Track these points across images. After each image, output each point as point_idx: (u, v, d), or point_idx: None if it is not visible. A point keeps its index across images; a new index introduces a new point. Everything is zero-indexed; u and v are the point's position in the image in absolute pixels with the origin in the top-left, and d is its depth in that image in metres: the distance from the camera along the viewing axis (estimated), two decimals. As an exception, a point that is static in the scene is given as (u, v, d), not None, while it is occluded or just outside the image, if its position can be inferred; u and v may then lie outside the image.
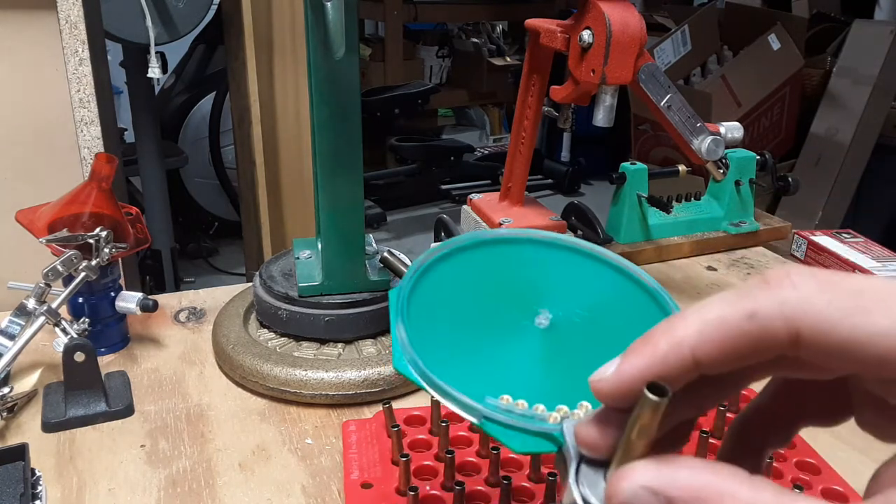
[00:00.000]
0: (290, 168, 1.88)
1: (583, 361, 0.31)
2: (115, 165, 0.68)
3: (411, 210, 3.30)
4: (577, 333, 0.34)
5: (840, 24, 2.84)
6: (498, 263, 0.37)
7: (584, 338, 0.34)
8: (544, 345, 0.34)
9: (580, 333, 0.34)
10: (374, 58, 3.50)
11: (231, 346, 0.67)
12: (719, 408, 0.56)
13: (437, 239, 0.96)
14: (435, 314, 0.34)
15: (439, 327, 0.34)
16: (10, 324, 0.61)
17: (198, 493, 0.53)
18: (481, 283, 0.36)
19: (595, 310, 0.35)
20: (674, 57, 2.75)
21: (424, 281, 0.35)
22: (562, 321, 0.34)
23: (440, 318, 0.34)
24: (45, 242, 0.64)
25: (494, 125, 4.06)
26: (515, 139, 0.86)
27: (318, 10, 0.58)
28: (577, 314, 0.35)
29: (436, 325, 0.34)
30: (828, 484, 0.51)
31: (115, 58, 1.80)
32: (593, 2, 0.66)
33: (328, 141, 0.63)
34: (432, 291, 0.35)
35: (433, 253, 0.36)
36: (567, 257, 0.38)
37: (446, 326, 0.34)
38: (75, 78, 0.89)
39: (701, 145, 0.71)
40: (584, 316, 0.35)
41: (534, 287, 0.36)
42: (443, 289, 0.35)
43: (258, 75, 1.72)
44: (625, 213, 0.94)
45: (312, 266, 0.70)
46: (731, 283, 0.90)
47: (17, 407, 0.61)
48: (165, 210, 2.04)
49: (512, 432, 0.29)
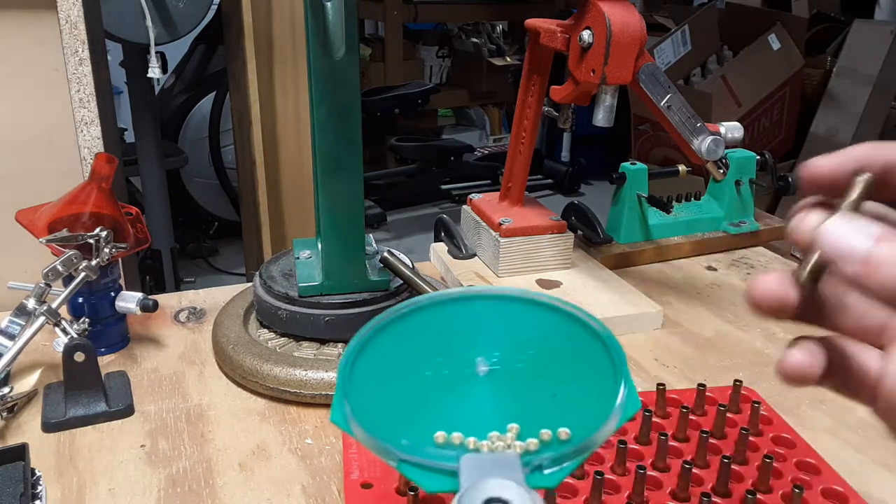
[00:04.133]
0: (290, 168, 1.88)
1: (526, 398, 0.35)
2: (115, 165, 0.68)
3: (411, 210, 3.30)
4: (519, 375, 0.37)
5: (840, 24, 2.84)
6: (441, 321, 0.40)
7: (526, 378, 0.37)
8: (490, 389, 0.36)
9: (522, 374, 0.37)
10: (374, 58, 3.50)
11: (231, 346, 0.67)
12: (719, 408, 0.56)
13: (437, 239, 0.96)
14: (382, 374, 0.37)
15: (386, 386, 0.37)
16: (10, 324, 0.61)
17: (198, 493, 0.53)
18: (425, 342, 0.39)
19: (536, 351, 0.38)
20: (674, 57, 2.75)
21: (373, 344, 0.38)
22: (503, 366, 0.37)
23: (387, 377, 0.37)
24: (45, 242, 0.64)
25: (494, 125, 4.06)
26: (515, 139, 0.86)
27: (318, 10, 0.58)
28: (518, 358, 0.37)
29: (383, 384, 0.37)
30: (828, 484, 0.51)
31: (115, 58, 1.80)
32: (593, 2, 0.66)
33: (328, 141, 0.63)
34: (380, 354, 0.38)
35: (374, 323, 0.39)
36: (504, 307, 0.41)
37: (394, 385, 0.37)
38: (75, 78, 0.89)
39: (701, 145, 0.71)
40: (525, 358, 0.37)
41: (474, 338, 0.39)
42: (390, 350, 0.38)
43: (258, 75, 1.72)
44: (625, 213, 0.94)
45: (312, 266, 0.70)
46: (732, 283, 0.90)
47: (17, 407, 0.61)
48: (165, 210, 2.04)
49: (424, 472, 0.32)
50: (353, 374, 0.36)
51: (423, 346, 0.38)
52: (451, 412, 0.35)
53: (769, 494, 0.50)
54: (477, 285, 0.43)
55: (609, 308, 0.78)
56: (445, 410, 0.35)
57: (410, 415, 0.35)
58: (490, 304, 0.40)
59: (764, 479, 0.50)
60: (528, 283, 0.83)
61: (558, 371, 0.37)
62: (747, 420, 0.57)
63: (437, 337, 0.39)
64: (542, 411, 0.35)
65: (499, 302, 0.40)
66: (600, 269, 0.87)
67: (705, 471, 0.52)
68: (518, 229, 0.83)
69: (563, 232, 0.86)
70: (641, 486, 0.49)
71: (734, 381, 0.60)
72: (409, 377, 0.37)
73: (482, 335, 0.39)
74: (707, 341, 0.76)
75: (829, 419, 0.63)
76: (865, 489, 0.53)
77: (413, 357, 0.38)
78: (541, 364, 0.37)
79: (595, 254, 0.92)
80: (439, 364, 0.37)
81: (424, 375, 0.37)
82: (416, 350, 0.38)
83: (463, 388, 0.36)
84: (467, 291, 0.41)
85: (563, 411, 0.35)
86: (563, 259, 0.86)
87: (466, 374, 0.37)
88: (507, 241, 0.83)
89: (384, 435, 0.33)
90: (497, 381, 0.36)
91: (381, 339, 0.38)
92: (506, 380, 0.36)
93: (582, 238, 0.95)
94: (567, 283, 0.83)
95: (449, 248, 0.92)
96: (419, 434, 0.33)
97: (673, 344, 0.76)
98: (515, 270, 0.85)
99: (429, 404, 0.35)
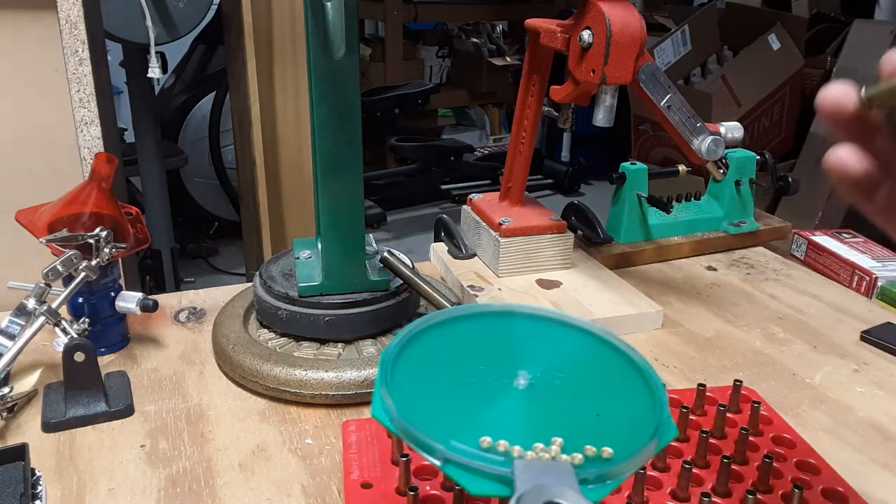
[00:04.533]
0: (290, 168, 1.88)
1: (562, 414, 0.36)
2: (115, 165, 0.68)
3: (411, 210, 3.30)
4: (557, 392, 0.38)
5: (840, 24, 2.84)
6: (482, 332, 0.41)
7: (563, 395, 0.37)
8: (527, 402, 0.37)
9: (560, 392, 0.38)
10: (374, 58, 3.50)
11: (231, 346, 0.67)
12: (719, 408, 0.56)
13: (437, 239, 0.96)
14: (423, 375, 0.38)
15: (427, 387, 0.37)
16: (10, 324, 0.61)
17: (198, 493, 0.53)
18: (466, 349, 0.40)
19: (573, 371, 0.39)
20: (674, 57, 2.75)
21: (414, 344, 0.39)
22: (541, 382, 0.38)
23: (428, 378, 0.38)
24: (45, 242, 0.64)
25: (494, 125, 4.06)
26: (515, 139, 0.86)
27: (318, 10, 0.58)
28: (557, 375, 0.38)
29: (423, 385, 0.37)
30: (828, 484, 0.51)
31: (115, 58, 1.80)
32: (593, 2, 0.66)
33: (328, 141, 0.63)
34: (421, 355, 0.38)
35: (426, 321, 0.40)
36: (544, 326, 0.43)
37: (434, 387, 0.37)
38: (75, 78, 0.89)
39: (701, 145, 0.71)
40: (563, 377, 0.38)
41: (514, 352, 0.40)
42: (431, 352, 0.39)
43: (258, 75, 1.72)
44: (625, 213, 0.94)
45: (312, 266, 0.70)
46: (732, 283, 0.90)
47: (17, 407, 0.61)
48: (165, 210, 2.04)
49: (470, 475, 0.32)
50: (394, 371, 0.36)
51: (466, 354, 0.39)
52: (492, 420, 0.35)
53: (769, 494, 0.50)
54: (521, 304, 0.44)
55: (609, 308, 0.78)
56: (487, 417, 0.35)
57: (453, 417, 0.35)
58: (530, 323, 0.42)
59: (764, 479, 0.50)
60: (528, 283, 0.83)
61: (595, 392, 0.38)
62: (747, 420, 0.57)
63: (479, 347, 0.40)
64: (583, 428, 0.35)
65: (538, 321, 0.42)
66: (600, 269, 0.87)
67: (705, 471, 0.52)
68: (518, 229, 0.83)
69: (563, 232, 0.86)
70: (641, 486, 0.49)
71: (734, 381, 0.60)
72: (451, 381, 0.37)
73: (521, 351, 0.40)
74: (707, 341, 0.76)
75: (829, 419, 0.63)
76: (865, 489, 0.53)
77: (455, 362, 0.38)
78: (578, 383, 0.38)
79: (595, 254, 0.92)
80: (481, 372, 0.38)
81: (467, 381, 0.37)
82: (459, 356, 0.39)
83: (503, 399, 0.36)
84: (510, 307, 0.43)
85: (603, 431, 0.35)
86: (563, 259, 0.86)
87: (506, 386, 0.37)
88: (507, 241, 0.83)
89: (429, 433, 0.33)
90: (535, 396, 0.37)
91: (422, 340, 0.39)
92: (544, 395, 0.37)
93: (582, 238, 0.95)
94: (567, 283, 0.83)
95: (449, 248, 0.92)
96: (463, 437, 0.33)
97: (673, 344, 0.76)
98: (515, 270, 0.85)
99: (470, 410, 0.36)
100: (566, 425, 0.35)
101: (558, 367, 0.39)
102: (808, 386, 0.68)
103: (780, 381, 0.69)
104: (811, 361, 0.73)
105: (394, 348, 0.37)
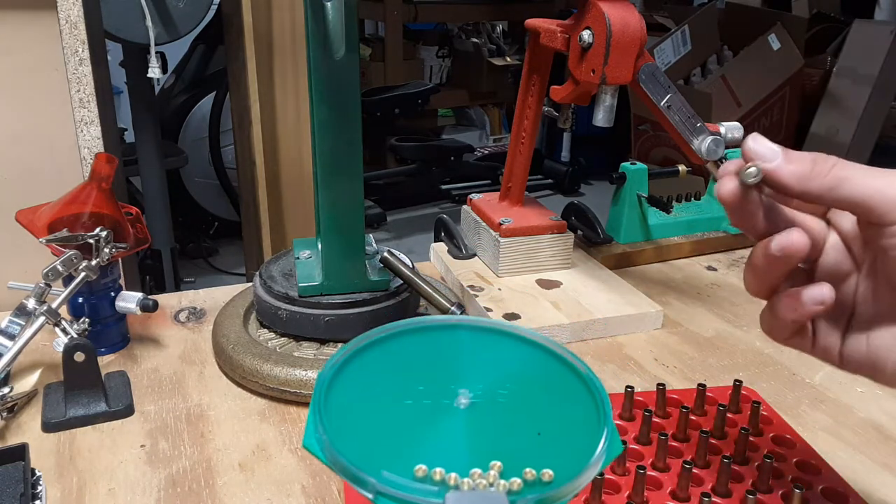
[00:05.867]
0: (290, 168, 1.88)
1: (505, 434, 0.35)
2: (115, 165, 0.68)
3: (411, 210, 3.30)
4: (500, 410, 0.36)
5: (840, 24, 2.84)
6: (424, 348, 0.39)
7: (506, 413, 0.36)
8: (468, 423, 0.35)
9: (503, 409, 0.36)
10: (374, 58, 3.50)
11: (231, 346, 0.67)
12: (719, 408, 0.56)
13: (437, 239, 0.96)
14: (360, 397, 0.36)
15: (364, 411, 0.36)
16: (10, 324, 0.61)
17: (198, 493, 0.53)
18: (406, 367, 0.38)
19: (517, 386, 0.37)
20: (674, 57, 2.75)
21: (352, 364, 0.37)
22: (484, 400, 0.36)
23: (365, 401, 0.36)
24: (45, 242, 0.64)
25: (494, 125, 4.06)
26: (515, 139, 0.86)
27: (318, 10, 0.58)
28: (500, 392, 0.37)
29: (360, 408, 0.35)
30: (828, 484, 0.51)
31: (115, 58, 1.80)
32: (593, 2, 0.66)
33: (328, 141, 0.63)
34: (359, 375, 0.37)
35: (365, 338, 0.38)
36: (489, 339, 0.40)
37: (372, 410, 0.36)
38: (75, 78, 0.89)
39: (701, 145, 0.71)
40: (506, 393, 0.37)
41: (457, 369, 0.38)
42: (369, 373, 0.37)
43: (258, 75, 1.72)
44: (625, 213, 0.94)
45: (312, 266, 0.70)
46: (731, 283, 0.90)
47: (17, 407, 0.61)
48: (165, 210, 2.04)
49: None
50: (329, 397, 0.34)
51: (405, 373, 0.37)
52: (430, 444, 0.34)
53: (769, 494, 0.50)
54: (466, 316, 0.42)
55: (609, 308, 0.78)
56: (425, 442, 0.34)
57: (389, 444, 0.34)
58: (475, 335, 0.40)
59: (764, 479, 0.50)
60: (528, 283, 0.83)
61: (540, 408, 0.37)
62: (747, 420, 0.57)
63: (420, 364, 0.38)
64: (525, 449, 0.34)
65: (483, 333, 0.40)
66: (600, 269, 0.87)
67: (705, 471, 0.52)
68: (518, 229, 0.83)
69: (563, 232, 0.86)
70: (641, 486, 0.49)
71: (734, 381, 0.60)
72: (388, 404, 0.36)
73: (465, 366, 0.38)
74: (707, 341, 0.76)
75: (829, 419, 0.63)
76: (865, 489, 0.53)
77: (394, 383, 0.37)
78: (522, 399, 0.37)
79: (595, 254, 0.92)
80: (420, 393, 0.36)
81: (405, 404, 0.35)
82: (397, 376, 0.37)
83: (443, 420, 0.35)
84: (452, 320, 0.41)
85: (546, 450, 0.34)
86: (563, 259, 0.86)
87: (447, 406, 0.35)
88: (507, 241, 0.83)
89: (362, 464, 0.31)
90: (477, 415, 0.35)
91: (361, 361, 0.37)
92: (487, 413, 0.35)
93: (582, 238, 0.95)
94: (567, 283, 0.83)
95: (449, 248, 0.92)
96: (398, 466, 0.31)
97: (673, 344, 0.76)
98: (515, 270, 0.85)
99: (408, 435, 0.34)
100: (508, 446, 0.34)
101: (502, 383, 0.37)
102: (808, 386, 0.68)
103: (780, 381, 0.69)
104: (811, 361, 0.72)
105: (329, 369, 0.36)
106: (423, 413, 0.35)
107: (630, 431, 0.56)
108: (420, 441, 0.34)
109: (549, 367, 0.39)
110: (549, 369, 0.38)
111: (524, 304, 0.78)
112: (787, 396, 0.66)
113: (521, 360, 0.39)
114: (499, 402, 0.36)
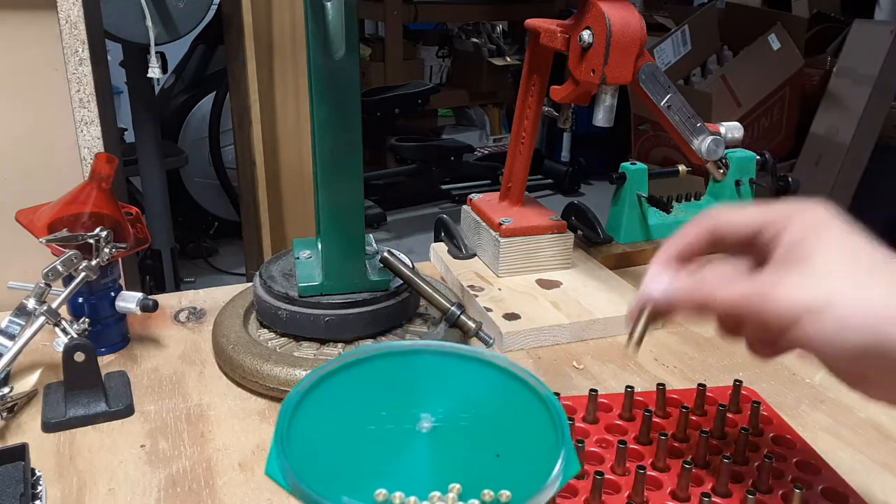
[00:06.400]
0: (290, 168, 1.88)
1: (466, 457, 0.35)
2: (115, 165, 0.68)
3: (411, 210, 3.30)
4: (461, 433, 0.37)
5: (840, 24, 2.84)
6: (387, 374, 0.40)
7: (467, 436, 0.36)
8: (430, 447, 0.36)
9: (464, 433, 0.37)
10: (374, 58, 3.50)
11: (231, 346, 0.67)
12: (719, 408, 0.56)
13: (437, 239, 0.96)
14: (323, 424, 0.36)
15: (327, 437, 0.36)
16: (10, 324, 0.61)
17: (198, 493, 0.53)
18: (369, 393, 0.39)
19: (478, 409, 0.38)
20: (674, 57, 2.75)
21: (316, 391, 0.38)
22: (445, 423, 0.37)
23: (328, 428, 0.36)
24: (45, 242, 0.64)
25: (494, 125, 4.06)
26: (515, 139, 0.86)
27: (318, 10, 0.58)
28: (461, 416, 0.37)
29: (323, 435, 0.36)
30: (828, 484, 0.51)
31: (115, 58, 1.80)
32: (593, 2, 0.66)
33: (328, 141, 0.63)
34: (322, 402, 0.37)
35: (329, 365, 0.39)
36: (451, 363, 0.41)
37: (334, 437, 0.36)
38: (75, 78, 0.89)
39: (701, 145, 0.71)
40: (467, 416, 0.37)
41: (420, 393, 0.39)
42: (333, 399, 0.38)
43: (258, 75, 1.72)
44: (625, 213, 0.94)
45: (312, 266, 0.70)
46: (731, 283, 0.90)
47: (17, 407, 0.61)
48: (165, 210, 2.04)
49: None
50: (292, 424, 0.35)
51: (368, 399, 0.38)
52: (393, 468, 0.34)
53: (769, 494, 0.50)
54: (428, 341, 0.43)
55: (609, 308, 0.78)
56: (388, 466, 0.34)
57: (351, 470, 0.34)
58: (436, 360, 0.41)
59: (764, 479, 0.50)
60: (528, 283, 0.83)
61: (501, 430, 0.37)
62: (747, 420, 0.57)
63: (382, 390, 0.39)
64: (485, 470, 0.34)
65: (445, 358, 0.41)
66: (600, 269, 0.87)
67: (705, 471, 0.52)
68: (518, 229, 0.84)
69: (563, 232, 0.86)
70: (641, 486, 0.49)
71: (734, 381, 0.60)
72: (351, 430, 0.36)
73: (427, 390, 0.39)
74: (707, 341, 0.76)
75: (829, 419, 0.63)
76: (865, 489, 0.53)
77: (356, 410, 0.37)
78: (484, 422, 0.37)
79: (595, 254, 0.92)
80: (383, 418, 0.37)
81: (367, 430, 0.36)
82: (360, 402, 0.38)
83: (406, 444, 0.35)
84: (414, 346, 0.42)
85: (505, 471, 0.34)
86: (563, 259, 0.86)
87: (409, 430, 0.36)
88: (507, 241, 0.83)
89: (323, 491, 0.32)
90: (440, 439, 0.36)
91: (325, 387, 0.38)
92: (449, 437, 0.36)
93: (582, 238, 0.95)
94: (567, 283, 0.83)
95: (449, 248, 0.92)
96: (360, 491, 0.32)
97: (673, 344, 0.76)
98: (515, 270, 0.85)
99: (370, 460, 0.35)
100: (469, 468, 0.34)
101: (463, 407, 0.38)
102: (807, 386, 0.68)
103: (779, 381, 0.69)
104: (811, 361, 0.72)
105: (294, 397, 0.36)
106: (385, 438, 0.36)
107: (630, 431, 0.56)
108: (383, 465, 0.34)
109: (509, 388, 0.39)
110: (510, 391, 0.39)
111: (524, 304, 0.78)
112: (787, 396, 0.66)
113: (483, 382, 0.40)
114: (460, 426, 0.37)
